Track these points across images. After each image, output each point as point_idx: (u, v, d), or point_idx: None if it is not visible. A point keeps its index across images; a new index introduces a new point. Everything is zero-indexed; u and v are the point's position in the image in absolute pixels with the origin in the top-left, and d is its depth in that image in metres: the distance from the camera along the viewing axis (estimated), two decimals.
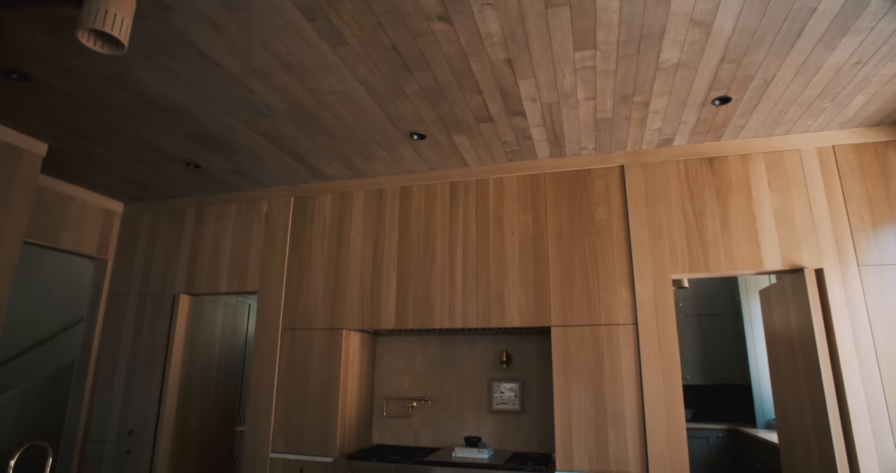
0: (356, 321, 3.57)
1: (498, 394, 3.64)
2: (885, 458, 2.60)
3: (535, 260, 3.33)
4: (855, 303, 2.78)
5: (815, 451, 2.83)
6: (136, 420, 3.85)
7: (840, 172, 2.97)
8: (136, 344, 4.03)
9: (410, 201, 3.67)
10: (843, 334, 2.76)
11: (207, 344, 4.21)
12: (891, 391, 2.65)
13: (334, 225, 3.80)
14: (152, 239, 4.25)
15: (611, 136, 3.17)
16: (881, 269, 2.79)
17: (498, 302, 3.33)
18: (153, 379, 3.89)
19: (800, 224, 2.96)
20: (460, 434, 3.66)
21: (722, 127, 3.03)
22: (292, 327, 3.70)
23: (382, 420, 3.86)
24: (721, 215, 3.09)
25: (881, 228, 2.84)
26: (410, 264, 3.56)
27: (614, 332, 3.09)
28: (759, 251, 2.98)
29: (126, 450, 3.80)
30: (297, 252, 3.84)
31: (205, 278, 4.00)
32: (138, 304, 4.12)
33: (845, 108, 2.80)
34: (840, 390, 2.70)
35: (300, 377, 3.59)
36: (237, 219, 4.05)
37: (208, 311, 4.24)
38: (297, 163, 3.58)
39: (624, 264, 3.17)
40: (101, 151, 3.46)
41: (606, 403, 3.00)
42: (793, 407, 3.06)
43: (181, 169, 3.72)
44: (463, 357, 3.79)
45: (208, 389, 4.18)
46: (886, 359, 2.69)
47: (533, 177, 3.47)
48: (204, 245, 4.08)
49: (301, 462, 3.41)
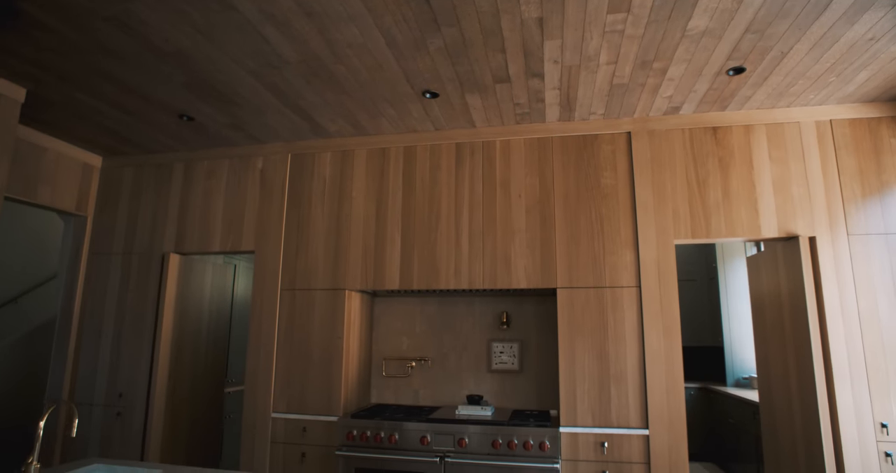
0: (359, 281, 3.55)
1: (497, 354, 3.73)
2: (861, 412, 2.83)
3: (541, 223, 3.38)
4: (843, 270, 2.98)
5: (798, 406, 3.06)
6: (125, 382, 3.75)
7: (835, 145, 3.12)
8: (122, 305, 3.88)
9: (415, 161, 3.63)
10: (831, 298, 2.95)
11: (197, 304, 4.10)
12: (870, 351, 2.88)
13: (335, 183, 3.72)
14: (136, 196, 4.05)
15: (622, 102, 3.21)
16: (868, 238, 2.98)
17: (504, 263, 3.37)
18: (143, 340, 3.78)
19: (796, 194, 3.11)
20: (460, 394, 3.75)
21: (729, 97, 3.11)
22: (292, 287, 3.65)
23: (381, 380, 3.90)
24: (723, 183, 3.20)
25: (870, 200, 3.02)
26: (415, 225, 3.54)
27: (618, 294, 3.20)
28: (757, 218, 3.13)
29: (116, 413, 3.70)
30: (296, 210, 3.75)
31: (196, 237, 3.86)
32: (123, 263, 3.95)
33: (848, 84, 2.92)
34: (826, 350, 2.91)
35: (301, 337, 3.56)
36: (230, 175, 3.90)
37: (197, 271, 4.12)
38: (300, 118, 3.46)
39: (629, 228, 3.26)
40: (86, 99, 3.23)
41: (609, 362, 3.13)
42: (777, 366, 3.28)
43: (173, 121, 3.53)
44: (462, 318, 3.84)
45: (199, 350, 4.10)
46: (867, 322, 2.90)
47: (540, 141, 3.48)
48: (194, 202, 3.92)
49: (303, 422, 3.43)
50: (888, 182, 3.01)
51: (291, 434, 3.42)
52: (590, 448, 3.03)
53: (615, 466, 2.99)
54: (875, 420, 2.81)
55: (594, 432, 3.05)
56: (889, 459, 2.76)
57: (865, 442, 2.80)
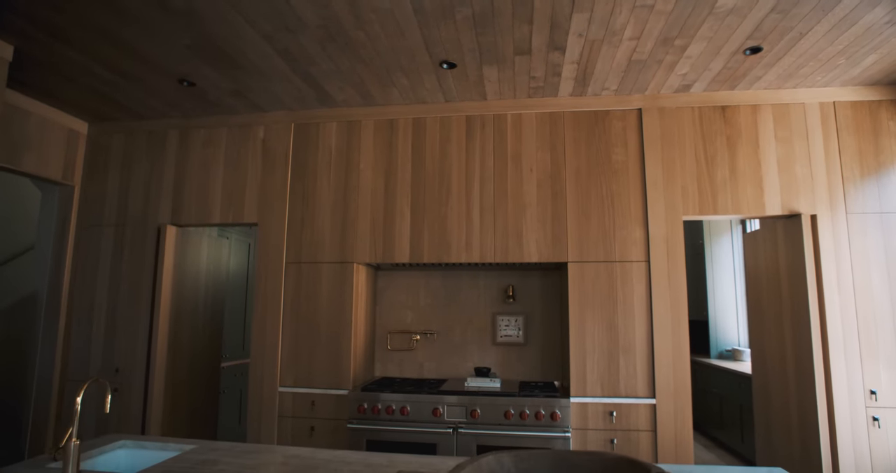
0: (368, 255, 3.51)
1: (502, 327, 3.78)
2: (853, 379, 3.01)
3: (552, 197, 3.40)
4: (841, 246, 3.12)
5: (793, 375, 3.23)
6: (122, 357, 3.63)
7: (837, 127, 3.23)
8: (115, 278, 3.73)
9: (424, 133, 3.58)
10: (829, 273, 3.10)
11: (193, 277, 3.98)
12: (862, 323, 3.05)
13: (341, 154, 3.64)
14: (127, 165, 3.86)
15: (636, 79, 3.23)
16: (865, 217, 3.13)
17: (516, 237, 3.39)
18: (139, 314, 3.66)
19: (799, 173, 3.22)
20: (465, 366, 3.80)
21: (741, 77, 3.17)
22: (297, 261, 3.58)
23: (385, 353, 3.90)
24: (730, 161, 3.29)
25: (868, 180, 3.16)
26: (425, 198, 3.51)
27: (628, 269, 3.27)
28: (762, 196, 3.23)
29: (114, 389, 3.59)
30: (300, 182, 3.66)
31: (194, 208, 3.73)
32: (115, 235, 3.79)
33: (855, 67, 3.02)
34: (823, 322, 3.06)
35: (308, 311, 3.51)
36: (229, 144, 3.76)
37: (193, 243, 3.99)
38: (307, 86, 3.35)
39: (638, 204, 3.32)
40: (78, 59, 3.04)
41: (619, 334, 3.22)
42: (772, 338, 3.44)
43: (171, 86, 3.36)
44: (467, 291, 3.87)
45: (196, 324, 4.00)
46: (861, 296, 3.07)
47: (552, 116, 3.48)
48: (191, 172, 3.77)
49: (312, 396, 3.41)
50: (885, 163, 3.15)
51: (300, 408, 3.40)
52: (599, 418, 3.13)
53: (623, 434, 3.10)
54: (865, 387, 2.99)
55: (603, 402, 3.15)
56: (876, 423, 2.96)
57: (855, 408, 2.98)
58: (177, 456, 1.98)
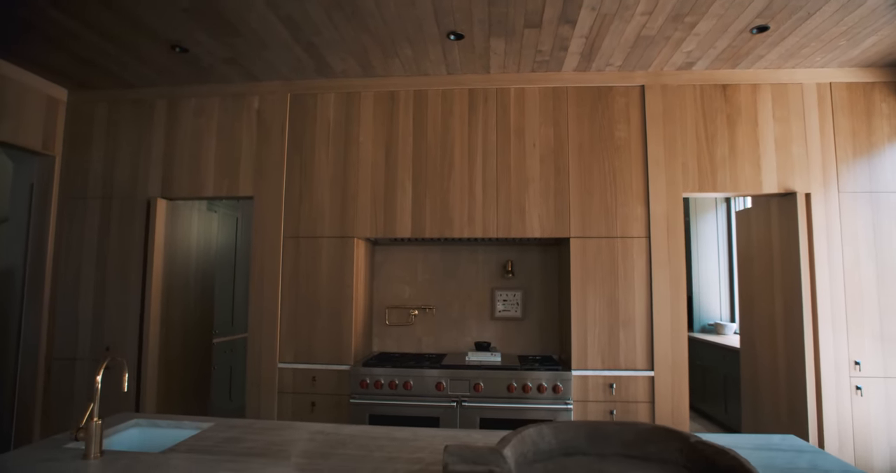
0: (369, 229, 3.47)
1: (500, 302, 3.81)
2: (839, 351, 3.15)
3: (555, 173, 3.40)
4: (832, 224, 3.23)
5: (783, 347, 3.36)
6: (112, 334, 3.53)
7: (833, 107, 3.31)
8: (102, 253, 3.60)
9: (426, 106, 3.51)
10: (820, 250, 3.21)
11: (185, 252, 3.87)
12: (850, 298, 3.18)
13: (340, 127, 3.55)
14: (112, 135, 3.68)
15: (641, 55, 3.22)
16: (856, 196, 3.24)
17: (519, 212, 3.39)
18: (130, 290, 3.54)
19: (795, 152, 3.30)
20: (463, 341, 3.83)
21: (743, 56, 3.19)
22: (296, 235, 3.51)
23: (383, 328, 3.89)
24: (730, 140, 3.34)
25: (860, 160, 3.26)
26: (427, 172, 3.47)
27: (629, 244, 3.32)
28: (759, 174, 3.30)
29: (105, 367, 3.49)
30: (298, 155, 3.56)
31: (185, 181, 3.60)
32: (102, 208, 3.63)
33: (854, 48, 3.07)
34: (813, 297, 3.18)
35: (308, 287, 3.46)
36: (222, 115, 3.62)
37: (183, 217, 3.86)
38: (307, 55, 3.23)
39: (640, 181, 3.36)
40: (64, 20, 2.85)
41: (619, 308, 3.28)
42: (763, 311, 3.57)
43: (163, 52, 3.19)
44: (465, 266, 3.87)
45: (188, 300, 3.91)
46: (850, 272, 3.19)
47: (555, 91, 3.46)
48: (181, 143, 3.63)
49: (313, 371, 3.39)
50: (877, 143, 3.25)
51: (300, 383, 3.38)
52: (599, 390, 3.21)
53: (622, 405, 3.19)
54: (850, 358, 3.14)
55: (603, 374, 3.23)
56: (859, 391, 3.12)
57: (840, 377, 3.13)
58: (197, 435, 1.95)
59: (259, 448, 1.80)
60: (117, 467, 1.60)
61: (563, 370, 3.20)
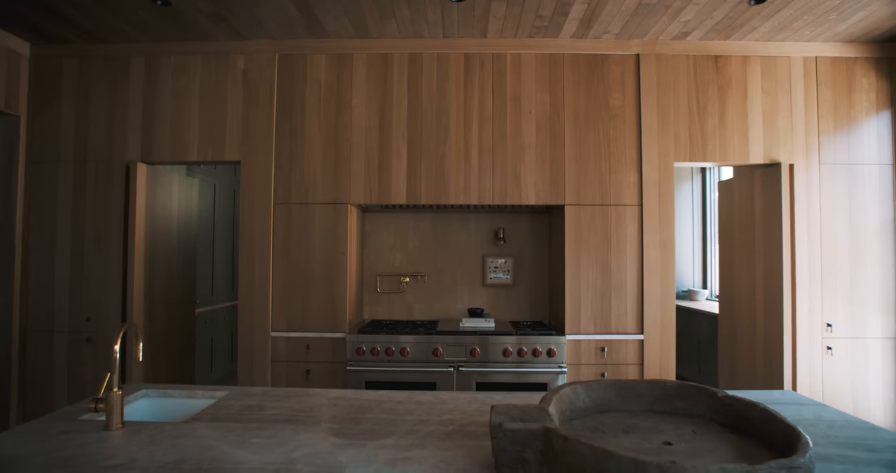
0: (363, 195, 3.41)
1: (491, 269, 3.84)
2: (813, 314, 3.34)
3: (551, 140, 3.41)
4: (812, 194, 3.37)
5: (762, 312, 3.54)
6: (92, 305, 3.38)
7: (818, 81, 3.41)
8: (78, 220, 3.41)
9: (421, 70, 3.43)
10: (801, 219, 3.36)
11: (166, 219, 3.71)
12: (826, 265, 3.35)
13: (331, 90, 3.43)
14: (84, 94, 3.44)
15: (639, 23, 3.22)
16: (834, 167, 3.38)
17: (514, 180, 3.40)
18: (110, 258, 3.38)
19: (781, 124, 3.40)
20: (454, 307, 3.85)
21: (738, 27, 3.24)
22: (286, 201, 3.41)
23: (374, 296, 3.88)
24: (720, 111, 3.41)
25: (840, 133, 3.39)
26: (422, 137, 3.41)
27: (622, 212, 3.38)
28: (747, 145, 3.40)
29: (86, 338, 3.36)
30: (287, 119, 3.43)
31: (167, 144, 3.42)
32: (76, 173, 3.42)
33: (843, 23, 3.16)
34: (793, 264, 3.35)
35: (300, 254, 3.39)
36: (205, 75, 3.43)
37: (164, 183, 3.69)
38: (299, 12, 3.08)
39: (633, 150, 3.40)
40: None
41: (611, 274, 3.37)
42: (743, 278, 3.73)
43: (142, 4, 2.98)
44: (456, 233, 3.87)
45: (171, 269, 3.77)
46: (827, 240, 3.36)
47: (552, 57, 3.43)
48: (161, 104, 3.43)
49: (307, 340, 3.35)
50: (856, 117, 3.39)
51: (294, 352, 3.35)
52: (591, 353, 3.32)
53: (613, 368, 3.31)
54: (823, 321, 3.34)
55: (595, 338, 3.33)
56: (830, 351, 3.33)
57: (814, 339, 3.33)
58: (215, 403, 1.91)
59: (284, 415, 1.79)
60: (143, 437, 1.56)
61: (556, 334, 3.28)
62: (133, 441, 1.53)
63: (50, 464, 1.36)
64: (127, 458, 1.40)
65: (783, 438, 1.35)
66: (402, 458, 1.41)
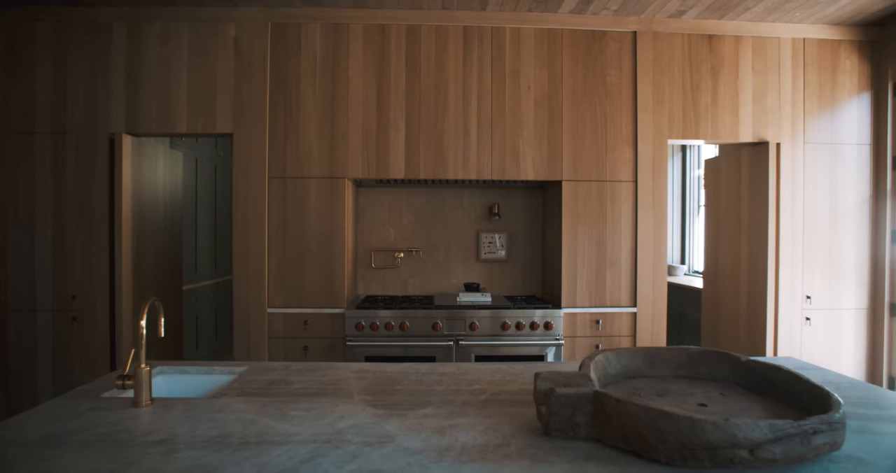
0: (360, 170, 3.36)
1: (486, 244, 3.87)
2: (794, 287, 3.51)
3: (549, 116, 3.42)
4: (797, 172, 3.51)
5: (746, 286, 3.69)
6: (77, 283, 3.25)
7: (805, 62, 3.52)
8: (59, 195, 3.24)
9: (419, 42, 3.37)
10: (785, 196, 3.50)
11: (152, 194, 3.57)
12: (807, 240, 3.51)
13: (327, 61, 3.34)
14: (60, 60, 3.25)
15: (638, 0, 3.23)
16: (818, 146, 3.52)
17: (513, 155, 3.41)
18: (95, 235, 3.25)
19: (770, 104, 3.51)
20: (448, 283, 3.88)
21: (733, 7, 3.29)
22: (282, 175, 3.33)
23: (368, 271, 3.86)
24: (713, 89, 3.48)
25: (824, 113, 3.53)
26: (421, 111, 3.37)
27: (617, 188, 3.45)
28: (737, 124, 3.50)
29: (72, 318, 3.23)
30: (282, 90, 3.33)
31: (154, 115, 3.28)
32: (54, 145, 3.24)
33: (832, 5, 3.25)
34: (777, 239, 3.49)
35: (296, 230, 3.33)
36: (193, 43, 3.28)
37: (149, 156, 3.54)
38: None
39: (629, 127, 3.45)
40: None
41: (606, 249, 3.44)
42: (728, 252, 3.87)
43: None
44: (451, 209, 3.87)
45: (158, 246, 3.64)
46: (808, 217, 3.51)
47: (550, 33, 3.42)
48: (147, 74, 3.27)
49: (305, 316, 3.32)
50: (839, 98, 3.53)
51: (291, 328, 3.31)
52: (586, 326, 3.40)
53: (607, 340, 3.41)
54: (803, 293, 3.51)
55: (591, 311, 3.41)
56: (808, 322, 3.51)
57: (794, 310, 3.51)
58: (237, 379, 1.88)
59: (313, 388, 1.78)
60: (177, 413, 1.53)
61: (553, 308, 3.35)
62: (168, 417, 1.50)
63: (91, 441, 1.32)
64: (170, 433, 1.38)
65: (810, 397, 1.42)
66: (448, 426, 1.44)
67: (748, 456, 1.17)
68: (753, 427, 1.16)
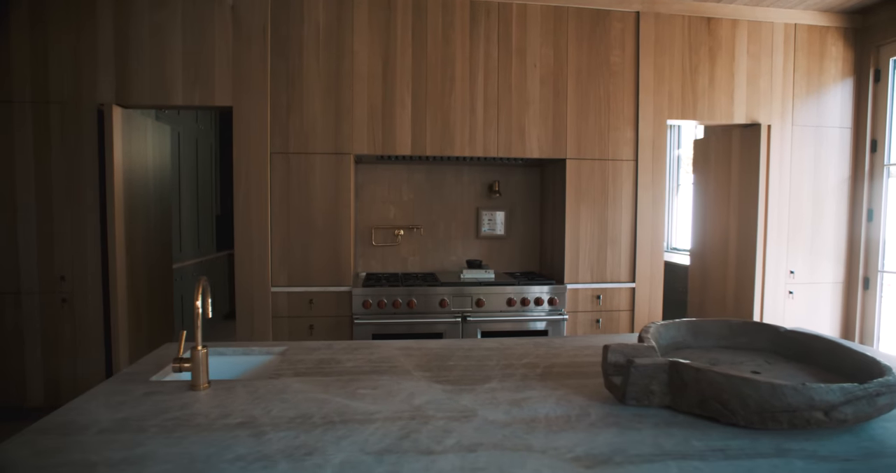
0: (366, 145, 3.29)
1: (486, 221, 3.89)
2: (779, 263, 3.71)
3: (554, 95, 3.44)
4: (785, 153, 3.68)
5: (733, 263, 3.87)
6: (66, 263, 3.07)
7: (795, 47, 3.66)
8: (42, 170, 3.04)
9: (426, 16, 3.29)
10: (774, 176, 3.66)
11: (142, 168, 3.39)
12: (793, 219, 3.70)
13: (331, 33, 3.23)
14: (40, 25, 3.00)
15: None
16: (805, 129, 3.69)
17: (519, 133, 3.42)
18: (84, 212, 3.07)
19: (762, 87, 3.64)
20: (448, 260, 3.89)
21: None
22: (284, 151, 3.23)
23: (368, 249, 3.82)
24: (710, 71, 3.58)
25: (811, 96, 3.69)
26: (427, 87, 3.32)
27: (618, 167, 3.52)
28: (732, 106, 3.62)
29: (61, 299, 3.06)
30: (283, 62, 3.20)
31: (146, 86, 3.09)
32: (35, 115, 3.02)
33: None
34: (766, 218, 3.66)
35: (300, 206, 3.25)
36: (187, 9, 3.10)
37: (138, 129, 3.35)
38: None
39: (631, 106, 3.52)
40: None
41: (608, 226, 3.52)
42: (717, 233, 4.04)
43: None
44: (451, 186, 3.86)
45: (149, 223, 3.48)
46: (794, 196, 3.70)
47: (556, 10, 3.41)
48: (137, 41, 3.07)
49: (310, 294, 3.27)
50: (825, 83, 3.69)
51: (296, 307, 3.26)
52: (588, 301, 3.50)
53: (607, 314, 3.52)
54: (787, 268, 3.72)
55: (592, 287, 3.51)
56: (791, 295, 3.73)
57: (778, 284, 3.71)
58: (283, 359, 1.85)
59: (366, 367, 1.77)
60: (241, 395, 1.49)
61: (556, 284, 3.42)
62: (233, 399, 1.46)
63: (170, 426, 1.27)
64: (246, 416, 1.35)
65: (852, 364, 1.53)
66: (521, 399, 1.46)
67: (823, 417, 1.25)
68: (828, 390, 1.24)
